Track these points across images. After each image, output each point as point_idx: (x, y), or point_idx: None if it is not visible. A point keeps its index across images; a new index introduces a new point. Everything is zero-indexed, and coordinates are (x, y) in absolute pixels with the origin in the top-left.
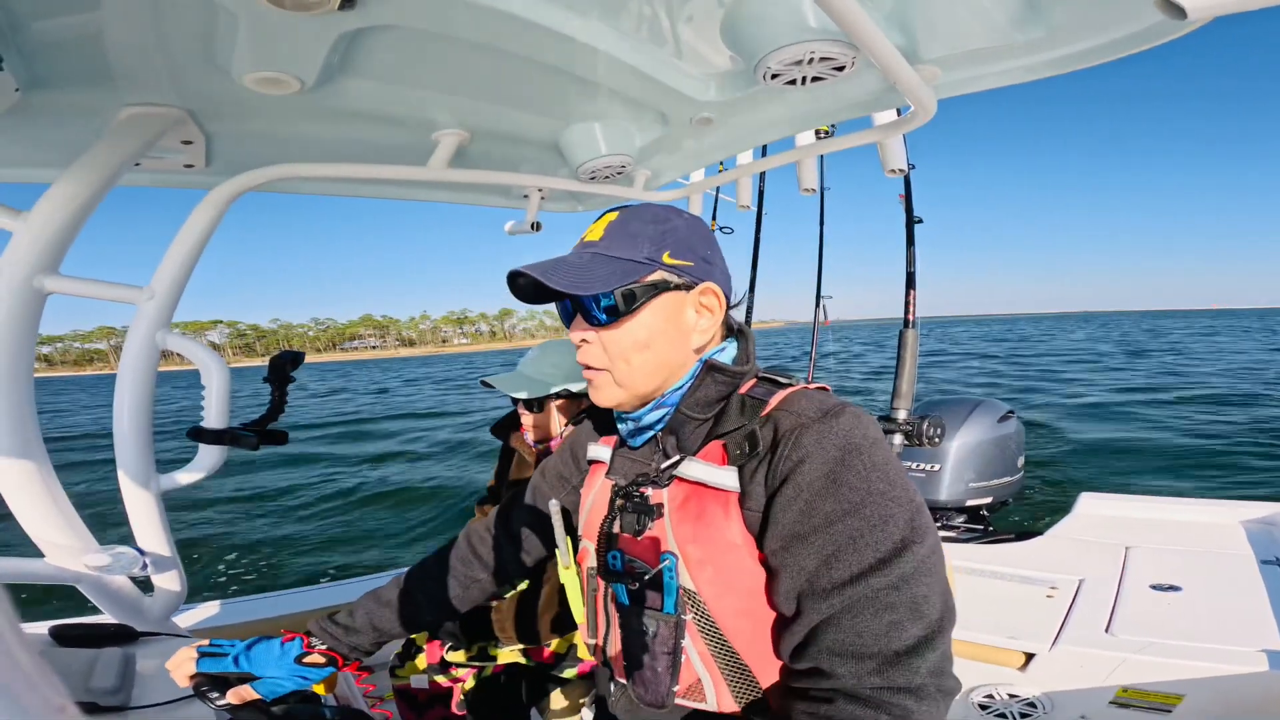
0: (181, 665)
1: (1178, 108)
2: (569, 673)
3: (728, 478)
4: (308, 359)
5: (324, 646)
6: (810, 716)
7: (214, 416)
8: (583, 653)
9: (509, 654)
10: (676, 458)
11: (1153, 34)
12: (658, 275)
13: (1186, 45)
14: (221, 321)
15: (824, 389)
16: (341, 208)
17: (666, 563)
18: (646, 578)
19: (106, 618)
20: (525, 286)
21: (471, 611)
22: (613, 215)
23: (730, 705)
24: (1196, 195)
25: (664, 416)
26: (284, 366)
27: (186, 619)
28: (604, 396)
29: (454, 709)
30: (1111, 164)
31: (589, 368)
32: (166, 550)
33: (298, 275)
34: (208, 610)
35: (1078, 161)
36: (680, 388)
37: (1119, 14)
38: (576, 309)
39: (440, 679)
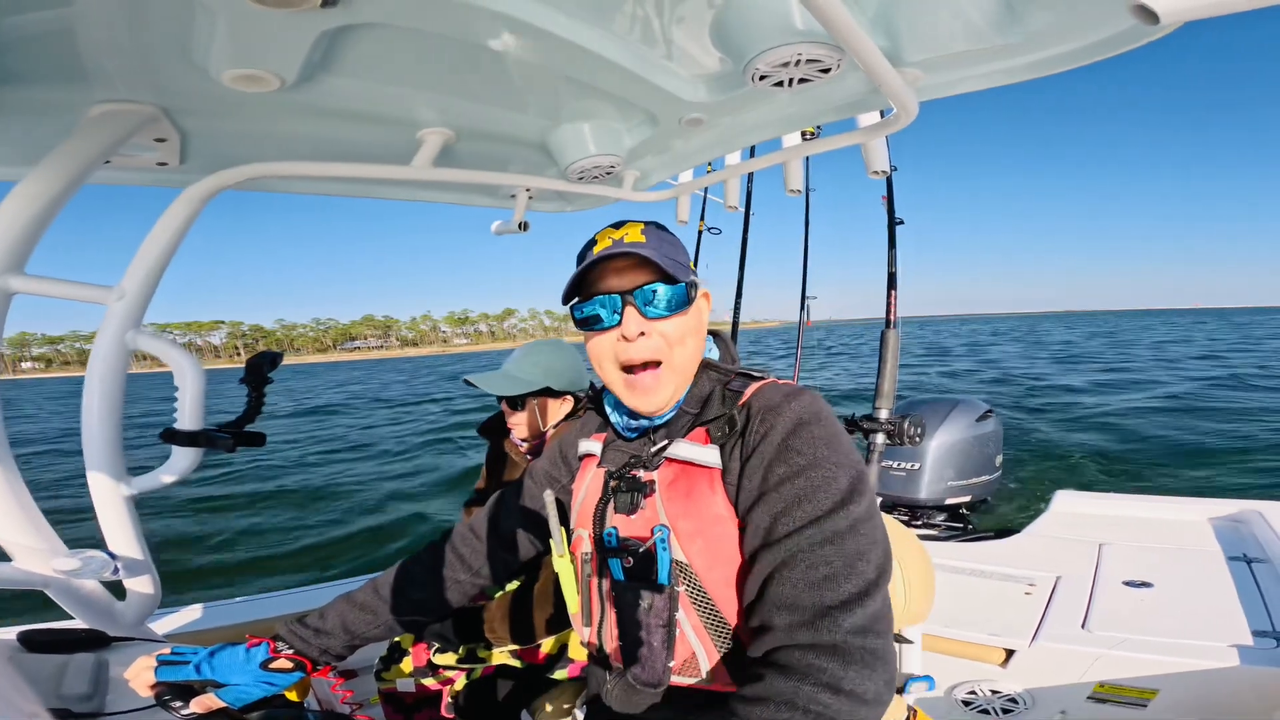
0: (140, 675)
1: (1161, 108)
2: (560, 674)
3: (711, 455)
4: (310, 359)
5: (291, 651)
6: (742, 702)
7: (188, 418)
8: (574, 653)
9: (498, 656)
10: (664, 442)
11: (1126, 38)
12: (691, 277)
13: (1181, 47)
14: (224, 322)
15: (790, 384)
16: (343, 208)
17: (659, 534)
18: (641, 551)
19: (78, 623)
20: (576, 284)
21: (460, 613)
22: (640, 224)
23: (725, 681)
24: (1172, 197)
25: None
26: (261, 367)
27: (166, 624)
28: (662, 394)
29: (443, 712)
30: (1096, 165)
31: (645, 365)
32: (139, 554)
33: (300, 276)
34: (185, 615)
35: (1063, 163)
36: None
37: (1094, 18)
38: (627, 305)
39: (428, 682)
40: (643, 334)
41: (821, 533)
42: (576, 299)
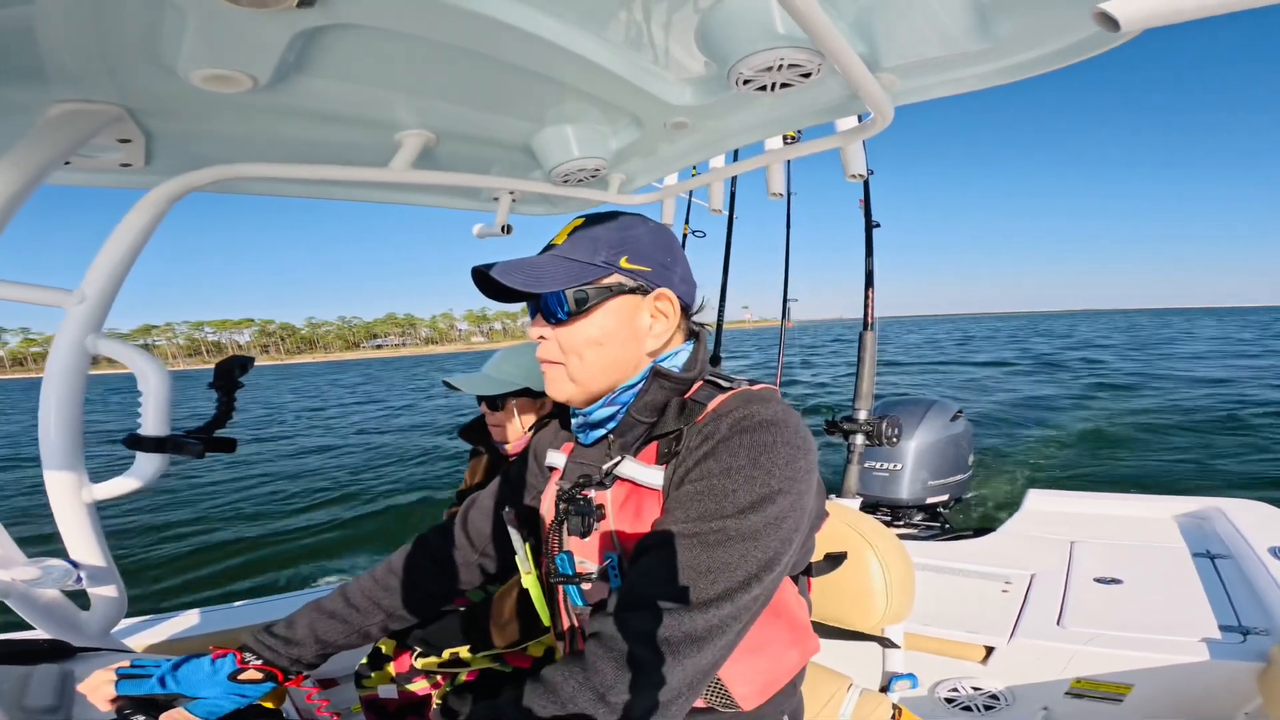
0: (99, 688)
1: (1168, 103)
2: None
3: (656, 476)
4: (340, 356)
5: (260, 661)
6: (533, 680)
7: (152, 423)
8: (560, 657)
9: (483, 660)
10: (618, 459)
11: (1090, 44)
12: (614, 279)
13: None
14: (254, 320)
15: (771, 389)
16: (360, 209)
17: (609, 561)
18: (594, 577)
19: (41, 634)
20: (491, 285)
21: (443, 617)
22: (579, 221)
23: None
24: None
25: (614, 415)
26: (232, 371)
27: (143, 636)
28: (557, 390)
29: (428, 718)
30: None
31: (547, 362)
32: (102, 562)
33: (325, 275)
34: (148, 625)
35: (1059, 164)
36: (632, 386)
37: (1059, 26)
38: (539, 308)
39: (411, 687)
40: (543, 336)
41: (689, 535)
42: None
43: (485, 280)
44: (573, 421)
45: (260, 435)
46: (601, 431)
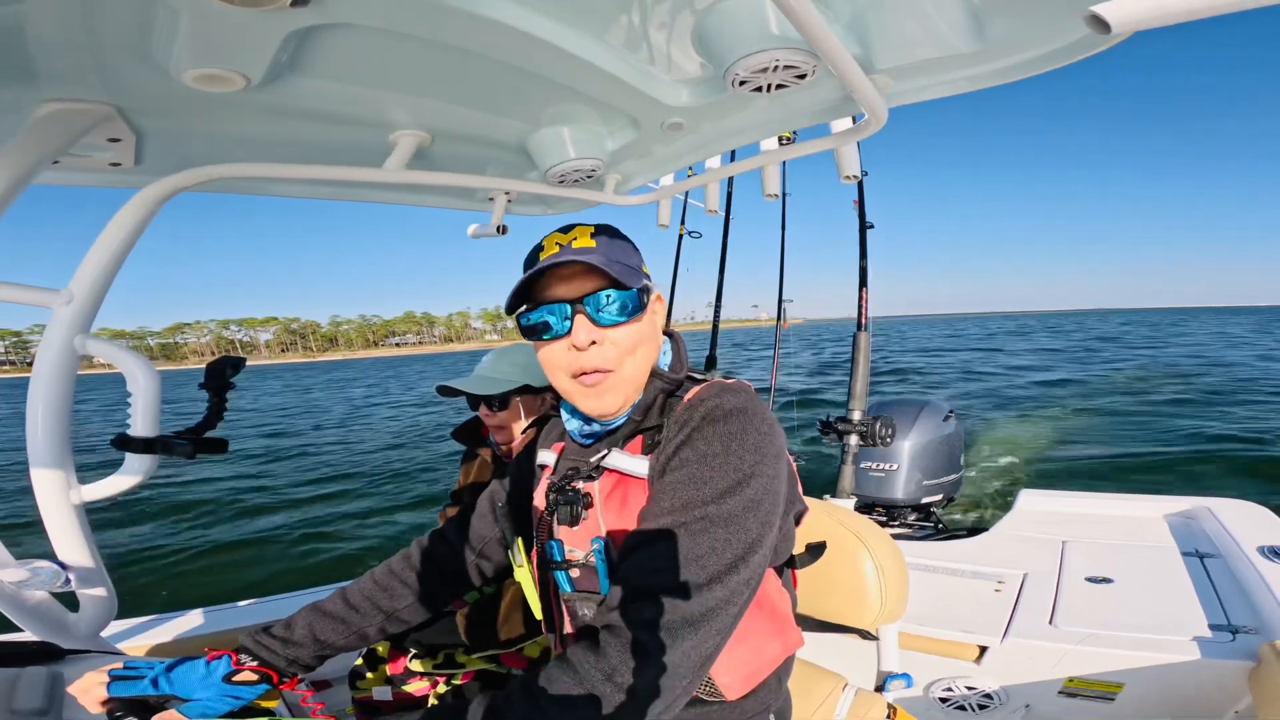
0: (90, 690)
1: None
2: None
3: (641, 466)
4: (362, 354)
5: (255, 663)
6: (557, 663)
7: (141, 424)
8: (554, 648)
9: (478, 662)
10: (604, 451)
11: (1081, 47)
12: (644, 282)
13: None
14: (278, 320)
15: (742, 381)
16: (373, 209)
17: (596, 546)
18: (581, 563)
19: (29, 636)
20: (523, 291)
21: (438, 618)
22: (590, 228)
23: None
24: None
25: (623, 419)
26: (223, 372)
27: (142, 638)
28: (611, 399)
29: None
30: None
31: (596, 371)
32: (91, 564)
33: (345, 275)
34: (141, 627)
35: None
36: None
37: (1051, 28)
38: (577, 313)
39: (406, 689)
40: (594, 342)
41: (676, 525)
42: (524, 307)
43: (522, 294)
44: (571, 425)
45: None
46: (601, 432)
